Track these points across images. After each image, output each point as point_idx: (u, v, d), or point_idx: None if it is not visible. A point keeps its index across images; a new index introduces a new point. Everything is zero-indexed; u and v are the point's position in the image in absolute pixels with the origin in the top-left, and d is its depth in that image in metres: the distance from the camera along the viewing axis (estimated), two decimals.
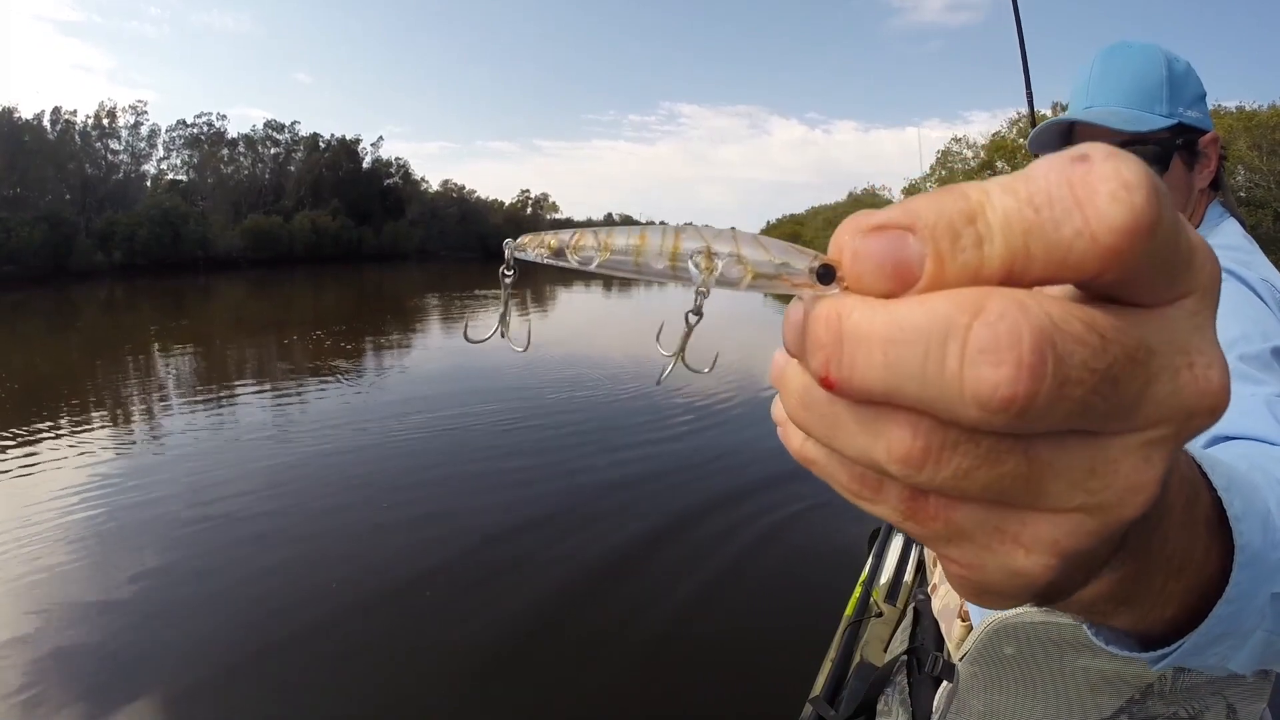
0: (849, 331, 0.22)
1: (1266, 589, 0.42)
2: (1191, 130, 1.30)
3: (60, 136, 53.58)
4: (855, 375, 0.22)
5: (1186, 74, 1.32)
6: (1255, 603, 0.41)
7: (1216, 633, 0.40)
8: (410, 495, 6.00)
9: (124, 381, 11.43)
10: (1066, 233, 0.20)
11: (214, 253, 54.23)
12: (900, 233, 0.22)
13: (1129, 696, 1.22)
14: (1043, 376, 0.20)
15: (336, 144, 78.49)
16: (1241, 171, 25.50)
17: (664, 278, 0.28)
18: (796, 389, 0.25)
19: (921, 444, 0.22)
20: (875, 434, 0.23)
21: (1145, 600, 0.36)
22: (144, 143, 62.27)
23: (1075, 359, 0.20)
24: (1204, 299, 0.23)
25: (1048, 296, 0.21)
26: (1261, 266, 1.20)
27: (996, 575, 0.25)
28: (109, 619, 4.01)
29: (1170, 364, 0.22)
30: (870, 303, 0.22)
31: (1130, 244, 0.20)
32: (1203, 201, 1.36)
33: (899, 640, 1.96)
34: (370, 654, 3.69)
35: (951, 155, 49.69)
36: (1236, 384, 0.86)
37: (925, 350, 0.21)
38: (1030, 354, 0.20)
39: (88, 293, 32.00)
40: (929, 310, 0.21)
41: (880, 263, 0.22)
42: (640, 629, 4.04)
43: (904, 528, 0.26)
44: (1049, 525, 0.24)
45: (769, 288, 0.26)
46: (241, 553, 4.87)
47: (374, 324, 19.85)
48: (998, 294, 0.20)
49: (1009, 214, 0.21)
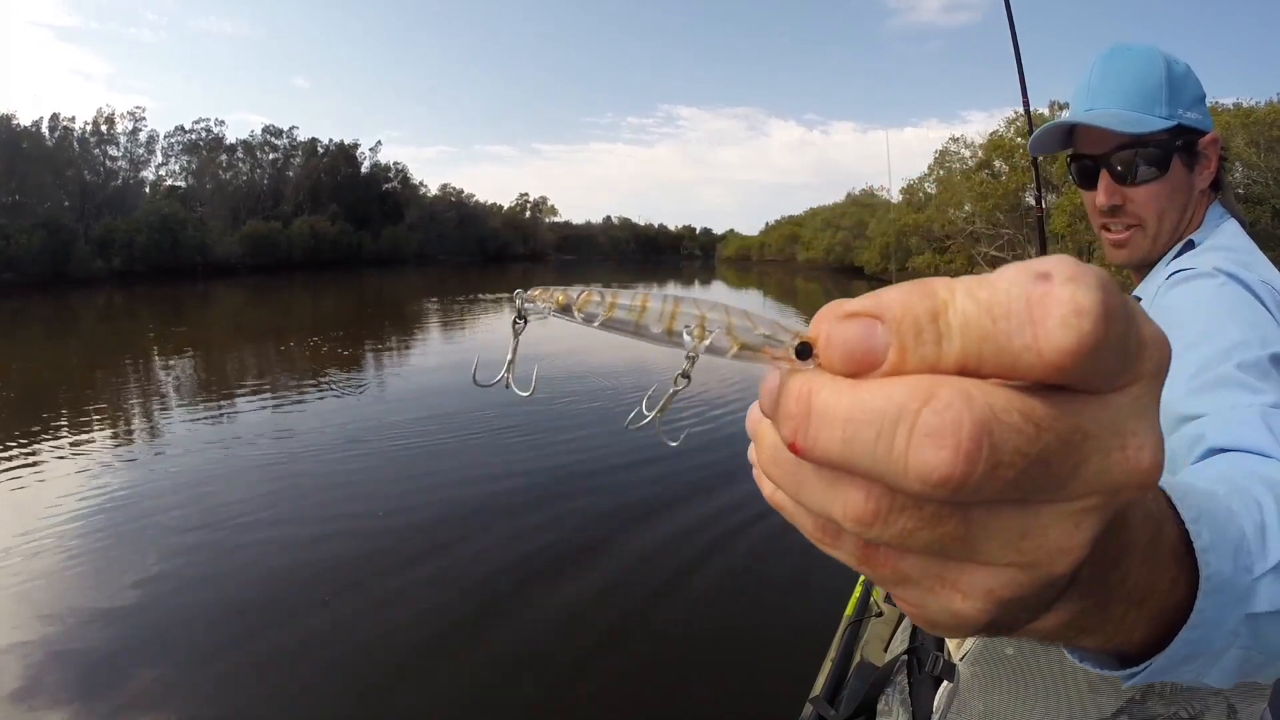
0: (816, 407, 0.25)
1: (1238, 611, 0.44)
2: (1191, 131, 1.30)
3: (59, 143, 53.59)
4: (818, 446, 0.25)
5: (1186, 76, 1.31)
6: (1224, 626, 0.43)
7: (1183, 654, 0.42)
8: (410, 502, 6.00)
9: (122, 390, 11.43)
10: (1017, 344, 0.23)
11: (213, 259, 54.16)
12: (871, 321, 0.25)
13: (1129, 696, 1.21)
14: (977, 460, 0.22)
15: (335, 149, 78.53)
16: (1240, 168, 25.48)
17: (659, 342, 0.30)
18: (768, 446, 0.28)
19: (873, 506, 0.25)
20: (833, 495, 0.26)
21: (1106, 628, 0.38)
22: (142, 149, 62.32)
23: (1009, 445, 0.23)
24: (1149, 384, 0.25)
25: (993, 387, 0.23)
26: (1262, 267, 1.19)
27: (939, 615, 0.28)
28: (106, 624, 4.01)
29: (1103, 445, 0.24)
30: (837, 383, 0.25)
31: (1073, 363, 0.22)
32: (1203, 202, 1.35)
33: (899, 640, 1.95)
34: (373, 663, 3.68)
35: (949, 155, 49.68)
36: (1233, 393, 0.89)
37: (879, 430, 0.23)
38: (968, 440, 0.22)
39: (87, 299, 31.97)
40: (886, 395, 0.23)
41: (851, 349, 0.25)
42: (640, 629, 4.06)
43: (859, 570, 0.28)
44: (984, 576, 0.26)
45: (752, 358, 0.29)
46: (239, 559, 4.86)
47: (373, 330, 19.86)
48: (948, 384, 0.23)
49: (968, 318, 0.23)
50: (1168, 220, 1.33)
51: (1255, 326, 1.01)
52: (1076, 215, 30.25)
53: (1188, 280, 1.14)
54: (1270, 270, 1.20)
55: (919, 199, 52.53)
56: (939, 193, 48.15)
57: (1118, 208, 1.35)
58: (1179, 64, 1.32)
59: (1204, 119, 1.32)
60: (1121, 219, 1.37)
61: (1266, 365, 0.94)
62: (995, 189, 37.70)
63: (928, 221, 45.83)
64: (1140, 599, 0.38)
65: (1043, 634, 0.36)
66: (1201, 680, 0.46)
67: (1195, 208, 1.34)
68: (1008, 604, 0.27)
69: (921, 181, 53.94)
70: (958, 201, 42.85)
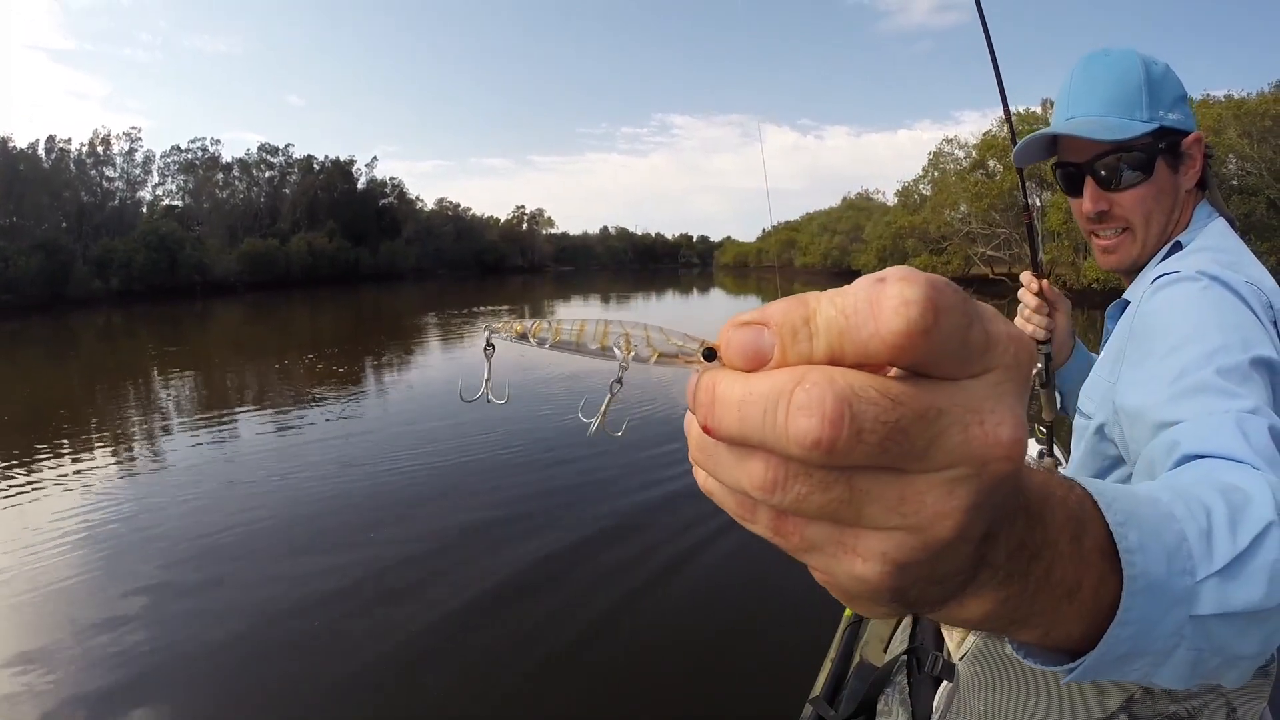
0: (719, 395, 0.30)
1: (1179, 613, 0.46)
2: (1174, 132, 1.30)
3: (55, 164, 53.86)
4: (722, 425, 0.30)
5: (1165, 76, 1.31)
6: (1163, 625, 0.45)
7: (1121, 651, 0.44)
8: (408, 520, 5.99)
9: (118, 412, 11.43)
10: (865, 334, 0.28)
11: (211, 277, 54.34)
12: (759, 328, 0.30)
13: (1129, 696, 1.20)
14: (840, 426, 0.27)
15: (331, 165, 78.95)
16: (1233, 160, 25.58)
17: (597, 356, 0.36)
18: (694, 436, 0.33)
19: (771, 475, 0.29)
20: (741, 469, 0.31)
21: (1041, 620, 0.41)
22: (139, 169, 62.66)
23: (868, 415, 0.27)
24: (1007, 373, 0.30)
25: (854, 371, 0.28)
26: (1248, 267, 1.18)
27: (846, 580, 0.32)
28: (106, 637, 3.99)
29: (960, 420, 0.29)
30: (734, 375, 0.30)
31: (908, 342, 0.27)
32: (1189, 202, 1.35)
33: (899, 640, 1.94)
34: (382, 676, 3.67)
35: (943, 156, 49.86)
36: (1210, 399, 0.89)
37: (765, 408, 0.28)
38: (831, 410, 0.27)
39: (85, 320, 32.07)
40: (770, 381, 0.29)
41: (745, 348, 0.30)
42: (640, 630, 4.06)
43: (775, 542, 0.33)
44: (877, 540, 0.30)
45: (671, 364, 0.35)
46: (235, 577, 4.85)
47: (373, 346, 19.90)
48: (816, 370, 0.28)
49: (829, 319, 0.28)
50: (1155, 223, 1.33)
51: (1236, 330, 1.01)
52: (1071, 214, 30.32)
53: (1171, 285, 1.14)
54: (1257, 269, 1.20)
55: (914, 201, 52.73)
56: (934, 194, 48.33)
57: (1104, 213, 1.36)
58: (1158, 65, 1.32)
59: (1186, 119, 1.31)
60: (1109, 224, 1.37)
61: (1247, 369, 0.94)
62: (990, 189, 37.82)
63: (923, 223, 46.00)
64: (1069, 593, 0.41)
65: (975, 622, 0.39)
66: (1153, 680, 0.48)
67: (1182, 208, 1.34)
68: (904, 568, 0.31)
69: (916, 183, 54.16)
70: (953, 202, 42.98)
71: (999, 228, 39.22)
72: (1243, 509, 0.54)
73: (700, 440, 0.33)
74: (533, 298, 43.95)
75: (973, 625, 0.40)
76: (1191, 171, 1.32)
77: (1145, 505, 0.47)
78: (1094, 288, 28.02)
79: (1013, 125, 1.90)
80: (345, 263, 70.29)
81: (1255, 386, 0.92)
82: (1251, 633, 0.50)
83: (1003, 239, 39.69)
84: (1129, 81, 1.30)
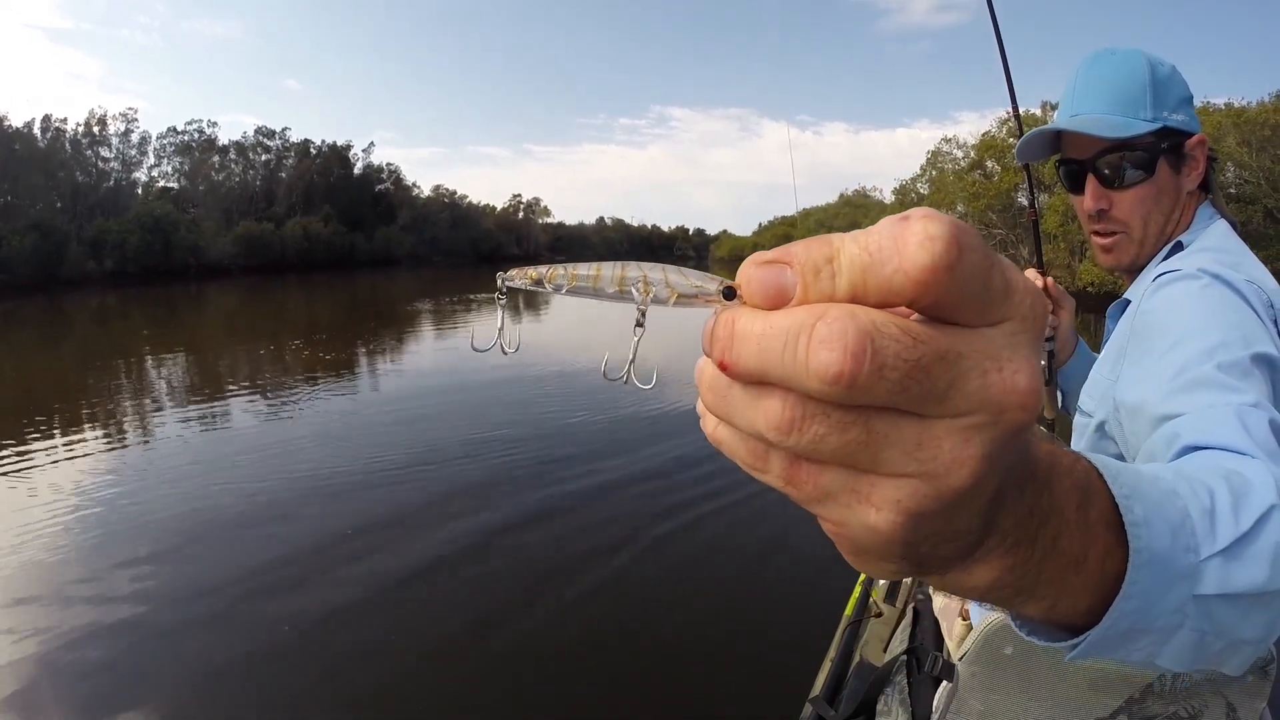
0: (738, 330, 0.30)
1: (1182, 590, 0.46)
2: (1177, 133, 1.31)
3: (51, 144, 53.40)
4: (740, 360, 0.30)
5: (1170, 78, 1.32)
6: (1167, 602, 0.45)
7: (1125, 627, 0.44)
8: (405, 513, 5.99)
9: (105, 397, 11.39)
10: (889, 270, 0.28)
11: (206, 260, 53.96)
12: (781, 266, 0.30)
13: (1128, 696, 1.23)
14: (863, 360, 0.27)
15: (328, 150, 78.44)
16: (1231, 168, 25.54)
17: (615, 299, 0.37)
18: (707, 378, 0.33)
19: (789, 414, 0.29)
20: (757, 409, 0.30)
21: (1048, 591, 0.41)
22: (135, 150, 62.15)
23: (890, 350, 0.27)
24: (1024, 323, 0.30)
25: (876, 310, 0.28)
26: (1250, 267, 1.19)
27: (858, 531, 0.32)
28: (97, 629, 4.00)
29: (979, 365, 0.29)
30: (755, 312, 0.30)
31: (933, 277, 0.27)
32: (1191, 203, 1.35)
33: (899, 640, 1.96)
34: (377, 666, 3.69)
35: (942, 155, 49.76)
36: (1211, 393, 0.90)
37: (785, 341, 0.28)
38: (854, 343, 0.27)
39: (79, 301, 31.85)
40: (791, 316, 0.29)
41: (766, 286, 0.30)
42: (641, 629, 4.06)
43: (786, 492, 0.32)
44: (892, 487, 0.30)
45: (691, 304, 0.35)
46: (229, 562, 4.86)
47: (368, 332, 19.82)
48: (838, 306, 0.28)
49: (853, 257, 0.28)
50: (1154, 223, 1.34)
51: (1238, 327, 1.02)
52: (1068, 215, 30.32)
53: (1172, 283, 1.15)
54: (1259, 270, 1.20)
55: (911, 199, 52.55)
56: (931, 193, 48.20)
57: (1104, 211, 1.37)
58: (1164, 66, 1.33)
59: (1190, 120, 1.32)
60: (1109, 223, 1.38)
61: (1247, 365, 0.95)
62: (988, 189, 37.74)
63: None
64: (1075, 563, 0.41)
65: (982, 590, 0.39)
66: (1156, 661, 0.48)
67: (1184, 210, 1.35)
68: (918, 519, 0.31)
69: (914, 182, 53.99)
70: (950, 202, 42.85)
71: (996, 228, 39.18)
72: (1245, 493, 0.54)
73: (714, 381, 0.32)
74: (526, 292, 43.69)
75: (980, 594, 0.39)
76: (1194, 173, 1.33)
77: (1149, 483, 0.47)
78: (1089, 290, 28.02)
79: (1019, 116, 1.91)
80: (341, 248, 69.89)
81: (1256, 382, 0.93)
82: (1255, 616, 0.50)
83: (1000, 239, 39.65)
84: (1134, 81, 1.31)
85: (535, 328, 20.33)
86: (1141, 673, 1.18)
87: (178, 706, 3.39)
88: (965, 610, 1.55)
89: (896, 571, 0.35)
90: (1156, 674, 1.19)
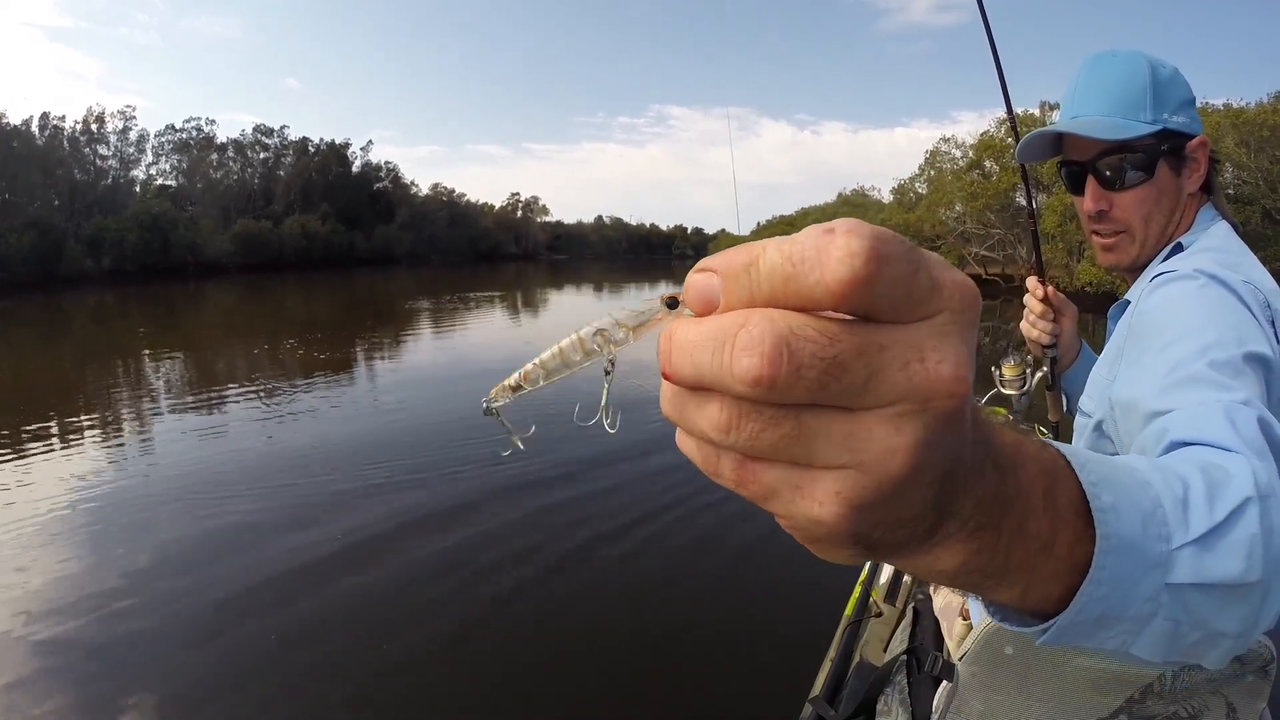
0: (675, 341, 0.32)
1: (1155, 578, 0.47)
2: (1178, 135, 1.31)
3: (49, 142, 53.27)
4: (678, 369, 0.32)
5: (1172, 80, 1.32)
6: (1139, 590, 0.46)
7: (1096, 613, 0.45)
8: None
9: (94, 398, 11.37)
10: (811, 280, 0.29)
11: (203, 258, 53.85)
12: (710, 274, 0.32)
13: (1128, 696, 1.23)
14: (779, 363, 0.29)
15: (326, 148, 78.31)
16: (1230, 169, 25.57)
17: (588, 363, 0.39)
18: (664, 389, 0.34)
19: (725, 415, 0.31)
20: (701, 413, 0.32)
21: (1019, 577, 0.42)
22: (133, 148, 62.06)
23: (806, 351, 0.29)
24: (953, 316, 0.31)
25: (794, 314, 0.30)
26: (1249, 268, 1.20)
27: (805, 523, 0.33)
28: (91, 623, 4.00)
29: (901, 357, 0.30)
30: (690, 321, 0.32)
31: (853, 290, 0.29)
32: (1193, 205, 1.35)
33: (898, 640, 1.96)
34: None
35: (940, 155, 49.80)
36: (1202, 390, 0.90)
37: (713, 349, 0.30)
38: (770, 348, 0.29)
39: (77, 300, 31.79)
40: (717, 324, 0.31)
41: (699, 293, 0.32)
42: (640, 630, 4.06)
43: (740, 493, 0.34)
44: (831, 479, 0.31)
45: (648, 330, 0.37)
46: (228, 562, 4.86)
47: (363, 333, 19.81)
48: (759, 313, 0.30)
49: (774, 265, 0.30)
50: (1154, 224, 1.34)
51: (1233, 327, 1.02)
52: (1066, 215, 30.33)
53: (1168, 283, 1.15)
54: (1258, 271, 1.20)
55: (910, 199, 52.65)
56: (930, 193, 48.25)
57: (1104, 213, 1.37)
58: (1165, 68, 1.32)
59: (1192, 122, 1.32)
60: (1109, 224, 1.38)
61: (1240, 363, 0.95)
62: (986, 189, 37.73)
63: (918, 221, 45.86)
64: (1044, 547, 0.42)
65: (951, 574, 0.40)
66: (1131, 649, 0.48)
67: (1184, 211, 1.35)
68: (860, 509, 0.32)
69: (912, 181, 54.06)
70: (948, 201, 42.87)
71: (994, 228, 39.18)
72: (1221, 484, 0.54)
73: (670, 392, 0.34)
74: (526, 285, 43.66)
75: (949, 578, 0.40)
76: (1195, 175, 1.33)
77: (1121, 472, 0.48)
78: (1087, 291, 28.05)
79: (1014, 120, 1.91)
80: (339, 246, 69.79)
81: (1248, 380, 0.93)
82: (1231, 609, 0.50)
83: (997, 239, 39.66)
84: (1134, 83, 1.31)
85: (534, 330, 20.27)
86: (1141, 673, 1.18)
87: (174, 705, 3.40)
88: (965, 609, 1.55)
89: (855, 557, 0.36)
90: (1156, 674, 1.20)
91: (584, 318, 0.32)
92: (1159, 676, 1.21)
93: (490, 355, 14.41)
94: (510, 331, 20.38)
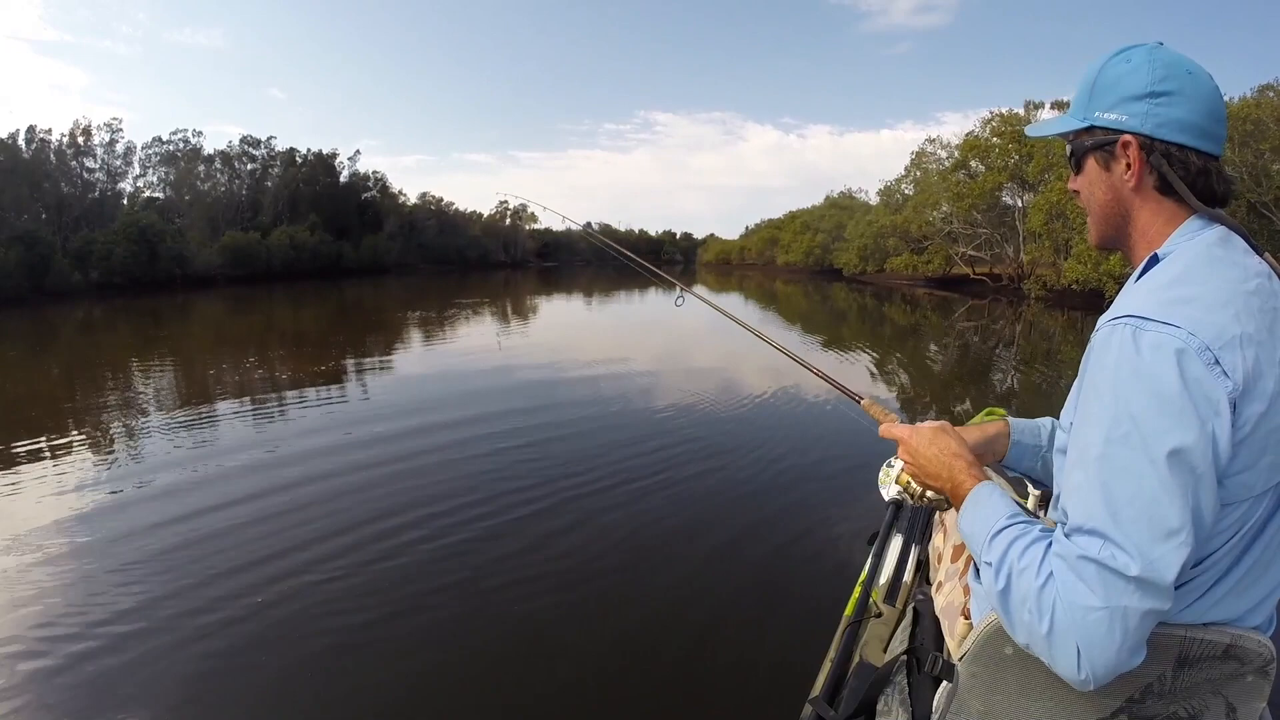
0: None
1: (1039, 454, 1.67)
2: (1108, 131, 1.33)
3: (35, 155, 52.82)
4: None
5: (1124, 77, 1.31)
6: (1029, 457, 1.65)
7: (1013, 457, 1.66)
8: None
9: (91, 409, 11.31)
10: None
11: (191, 270, 53.50)
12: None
13: (1128, 696, 1.24)
14: None
15: (313, 158, 77.95)
16: None
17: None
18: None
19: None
20: None
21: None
22: (120, 160, 61.45)
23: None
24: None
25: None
26: (1203, 305, 1.16)
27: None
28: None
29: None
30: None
31: None
32: (1161, 210, 1.34)
33: (899, 640, 1.98)
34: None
35: (926, 156, 50.05)
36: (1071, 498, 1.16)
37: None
38: None
39: (65, 314, 31.60)
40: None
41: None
42: (640, 629, 4.07)
43: None
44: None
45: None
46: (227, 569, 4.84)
47: (361, 345, 19.76)
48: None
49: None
50: (1102, 214, 1.40)
51: (1151, 417, 1.08)
52: (1051, 214, 30.56)
53: (1105, 341, 1.18)
54: (1215, 304, 1.16)
55: (896, 200, 52.88)
56: (916, 194, 48.49)
57: (1077, 193, 1.45)
58: (1124, 66, 1.32)
59: (1130, 119, 1.30)
60: (1082, 205, 1.46)
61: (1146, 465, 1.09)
62: (972, 189, 37.96)
63: (905, 222, 46.13)
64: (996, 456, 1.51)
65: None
66: (1027, 467, 1.29)
67: (1150, 213, 1.34)
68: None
69: (898, 183, 54.31)
70: (935, 202, 43.14)
71: (980, 228, 39.41)
72: (1030, 566, 1.16)
73: None
74: (515, 293, 43.56)
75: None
76: (1129, 174, 1.32)
77: (1033, 434, 1.65)
78: (1074, 288, 28.28)
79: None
80: (327, 256, 69.45)
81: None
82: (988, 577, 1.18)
83: (984, 239, 39.88)
84: (1085, 79, 1.37)
85: (532, 329, 20.24)
86: (1141, 673, 1.20)
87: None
88: (967, 609, 1.56)
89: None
90: (1156, 674, 1.22)
91: (583, 319, 0.31)
92: (1159, 676, 1.22)
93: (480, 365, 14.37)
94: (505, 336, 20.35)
